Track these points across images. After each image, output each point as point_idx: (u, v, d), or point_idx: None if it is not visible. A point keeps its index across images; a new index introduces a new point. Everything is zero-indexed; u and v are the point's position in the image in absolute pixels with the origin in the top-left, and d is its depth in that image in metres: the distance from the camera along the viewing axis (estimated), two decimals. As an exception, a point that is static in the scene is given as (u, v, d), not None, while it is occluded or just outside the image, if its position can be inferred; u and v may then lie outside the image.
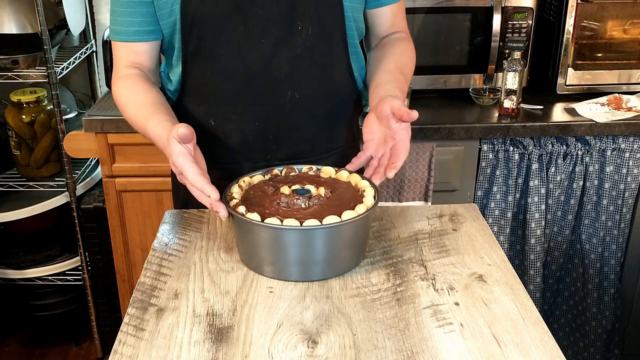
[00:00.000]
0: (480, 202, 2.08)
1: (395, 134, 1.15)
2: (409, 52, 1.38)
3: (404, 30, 1.42)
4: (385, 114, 1.14)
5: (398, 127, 1.14)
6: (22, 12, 2.13)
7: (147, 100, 1.24)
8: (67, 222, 2.37)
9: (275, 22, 1.24)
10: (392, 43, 1.38)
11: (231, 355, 0.91)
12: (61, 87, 2.38)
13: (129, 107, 1.26)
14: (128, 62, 1.30)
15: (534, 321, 0.99)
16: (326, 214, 1.05)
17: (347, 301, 1.03)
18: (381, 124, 1.16)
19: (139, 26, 1.27)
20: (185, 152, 1.06)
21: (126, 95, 1.27)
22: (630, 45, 2.18)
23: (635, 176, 2.06)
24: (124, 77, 1.29)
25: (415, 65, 1.39)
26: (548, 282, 2.22)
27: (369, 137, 1.18)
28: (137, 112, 1.24)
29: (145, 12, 1.26)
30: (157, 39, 1.30)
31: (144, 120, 1.21)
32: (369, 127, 1.18)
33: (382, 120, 1.16)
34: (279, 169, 1.22)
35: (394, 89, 1.22)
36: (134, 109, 1.25)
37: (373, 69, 1.35)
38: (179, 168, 1.07)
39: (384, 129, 1.16)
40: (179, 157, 1.06)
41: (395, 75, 1.29)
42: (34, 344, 2.57)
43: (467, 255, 1.16)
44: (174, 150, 1.06)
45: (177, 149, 1.06)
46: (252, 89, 1.28)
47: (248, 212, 1.05)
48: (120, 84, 1.29)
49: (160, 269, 1.12)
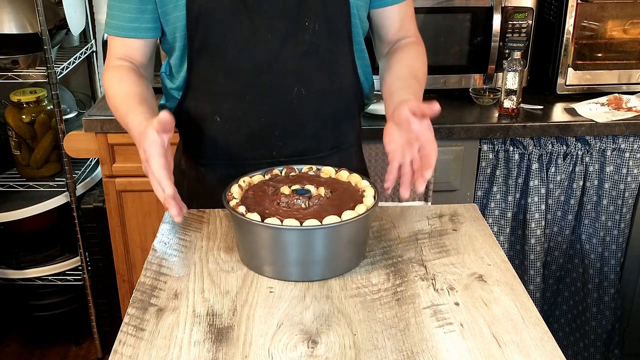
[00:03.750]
0: (480, 202, 2.08)
1: (419, 134, 1.09)
2: (421, 56, 1.36)
3: (413, 33, 1.39)
4: (404, 116, 1.09)
5: (420, 128, 1.09)
6: (22, 12, 2.13)
7: (134, 92, 1.24)
8: (67, 222, 2.37)
9: (282, 18, 1.23)
10: (402, 48, 1.36)
11: (231, 355, 0.91)
12: (61, 87, 2.38)
13: (115, 98, 1.26)
14: (120, 55, 1.30)
15: (534, 321, 0.99)
16: (326, 214, 1.05)
17: (347, 301, 1.03)
18: (401, 130, 1.11)
19: (137, 22, 1.26)
20: (158, 142, 1.05)
21: (114, 86, 1.27)
22: (630, 45, 2.18)
23: (635, 176, 2.06)
24: (114, 67, 1.29)
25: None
26: (548, 282, 2.23)
27: (392, 147, 1.12)
28: (122, 102, 1.24)
29: (144, 9, 1.25)
30: (154, 36, 1.30)
31: (127, 110, 1.20)
32: (390, 136, 1.13)
33: (402, 126, 1.11)
34: (279, 169, 1.22)
35: (407, 95, 1.19)
36: (118, 99, 1.25)
37: (386, 77, 1.32)
38: (147, 155, 1.06)
39: (405, 134, 1.11)
40: (151, 145, 1.05)
41: (409, 82, 1.26)
42: (34, 344, 2.57)
43: (467, 255, 1.16)
44: (148, 137, 1.06)
45: (152, 136, 1.05)
46: (259, 85, 1.28)
47: (248, 212, 1.05)
48: (109, 74, 1.29)
49: (160, 269, 1.12)
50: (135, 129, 1.15)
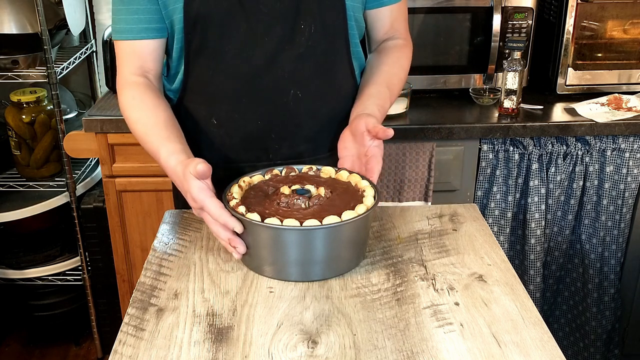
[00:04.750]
0: (480, 202, 2.08)
1: (368, 151, 1.17)
2: (403, 60, 1.38)
3: (403, 35, 1.41)
4: (360, 131, 1.17)
5: (371, 144, 1.17)
6: (22, 12, 2.13)
7: (158, 119, 1.22)
8: (67, 222, 2.37)
9: (279, 20, 1.24)
10: (386, 51, 1.38)
11: (231, 355, 0.91)
12: (61, 87, 2.38)
13: (137, 124, 1.24)
14: (134, 69, 1.27)
15: (534, 321, 0.99)
16: (326, 214, 1.05)
17: (347, 301, 1.03)
18: (355, 141, 1.19)
19: (146, 23, 1.25)
20: (205, 187, 1.07)
21: (135, 110, 1.24)
22: (630, 45, 2.18)
23: (635, 176, 2.06)
24: (131, 86, 1.26)
25: (411, 67, 1.39)
26: (548, 282, 2.23)
27: (344, 154, 1.20)
28: (147, 131, 1.22)
29: (151, 9, 1.24)
30: (163, 36, 1.28)
31: (155, 145, 1.19)
32: (344, 143, 1.21)
33: (357, 137, 1.18)
34: (279, 169, 1.22)
35: (372, 106, 1.24)
36: (143, 127, 1.22)
37: (364, 76, 1.36)
38: (199, 203, 1.07)
39: (358, 146, 1.19)
40: (199, 192, 1.07)
41: (380, 90, 1.30)
42: (34, 344, 2.57)
43: (467, 255, 1.16)
44: (193, 186, 1.07)
45: (197, 184, 1.07)
46: (255, 88, 1.28)
47: (248, 212, 1.05)
48: (128, 95, 1.26)
49: (160, 269, 1.12)
50: (172, 175, 1.16)
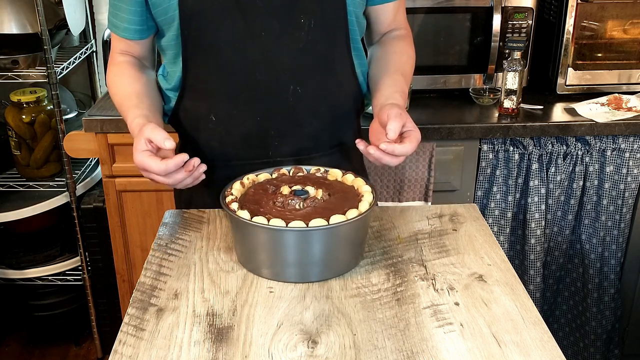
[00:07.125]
0: (480, 202, 2.08)
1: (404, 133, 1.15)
2: (409, 50, 1.39)
3: (404, 26, 1.42)
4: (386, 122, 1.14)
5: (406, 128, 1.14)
6: (22, 12, 2.13)
7: (132, 90, 1.28)
8: (67, 222, 2.37)
9: (276, 15, 1.23)
10: (391, 42, 1.38)
11: (231, 355, 0.91)
12: (61, 87, 2.38)
13: (116, 96, 1.31)
14: (122, 50, 1.35)
15: (534, 321, 0.99)
16: (316, 216, 1.04)
17: (347, 301, 1.03)
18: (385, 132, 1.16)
19: (134, 24, 1.29)
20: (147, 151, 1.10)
21: (115, 84, 1.32)
22: (630, 45, 2.18)
23: (635, 176, 2.06)
24: (117, 64, 1.34)
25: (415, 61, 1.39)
26: (548, 282, 2.23)
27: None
28: (122, 102, 1.28)
29: (136, 11, 1.27)
30: (145, 37, 1.33)
31: (126, 112, 1.25)
32: (375, 135, 1.19)
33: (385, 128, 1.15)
34: (287, 169, 1.22)
35: (394, 94, 1.23)
36: (119, 98, 1.30)
37: (373, 69, 1.35)
38: (139, 164, 1.10)
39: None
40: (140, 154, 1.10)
41: (395, 77, 1.29)
42: (34, 344, 2.57)
43: (467, 255, 1.16)
44: (136, 148, 1.10)
45: (141, 146, 1.10)
46: (254, 84, 1.27)
47: (239, 210, 1.06)
48: (112, 72, 1.34)
49: (160, 269, 1.12)
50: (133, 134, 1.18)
